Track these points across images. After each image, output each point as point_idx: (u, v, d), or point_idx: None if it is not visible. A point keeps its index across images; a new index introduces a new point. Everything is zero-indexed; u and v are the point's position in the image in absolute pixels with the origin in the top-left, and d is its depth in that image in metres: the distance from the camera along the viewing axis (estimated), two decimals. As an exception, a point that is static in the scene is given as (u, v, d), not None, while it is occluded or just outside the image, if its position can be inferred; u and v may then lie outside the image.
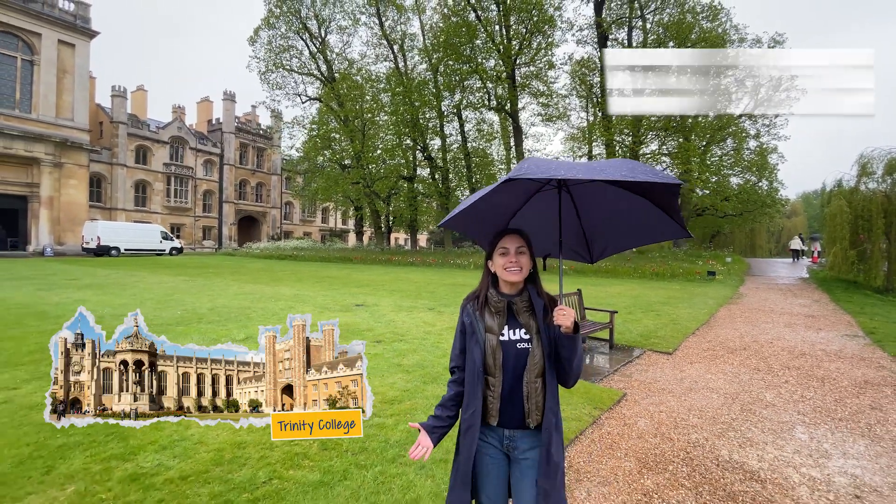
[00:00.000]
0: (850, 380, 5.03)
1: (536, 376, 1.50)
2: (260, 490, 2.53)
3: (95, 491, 2.50)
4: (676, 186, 1.42)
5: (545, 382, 1.51)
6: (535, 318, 1.54)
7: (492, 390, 1.52)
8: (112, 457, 2.88)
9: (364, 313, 8.92)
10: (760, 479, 2.86)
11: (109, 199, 39.09)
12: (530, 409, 1.50)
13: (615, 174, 1.33)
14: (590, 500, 2.61)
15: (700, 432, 3.59)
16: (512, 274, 1.55)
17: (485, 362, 1.53)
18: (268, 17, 32.54)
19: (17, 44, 30.08)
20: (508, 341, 1.53)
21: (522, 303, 1.57)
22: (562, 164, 1.40)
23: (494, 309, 1.57)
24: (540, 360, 1.51)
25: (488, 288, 1.62)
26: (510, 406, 1.52)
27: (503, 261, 1.56)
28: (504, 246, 1.57)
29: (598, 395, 4.29)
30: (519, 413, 1.51)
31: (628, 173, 1.33)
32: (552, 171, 1.32)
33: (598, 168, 1.39)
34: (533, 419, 1.50)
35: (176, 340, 5.91)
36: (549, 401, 1.51)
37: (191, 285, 13.40)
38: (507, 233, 1.60)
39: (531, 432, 1.53)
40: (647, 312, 9.42)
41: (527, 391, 1.50)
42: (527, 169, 1.32)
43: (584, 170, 1.39)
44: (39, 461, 2.81)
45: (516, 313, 1.57)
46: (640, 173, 1.33)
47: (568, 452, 3.22)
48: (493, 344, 1.53)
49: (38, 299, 9.78)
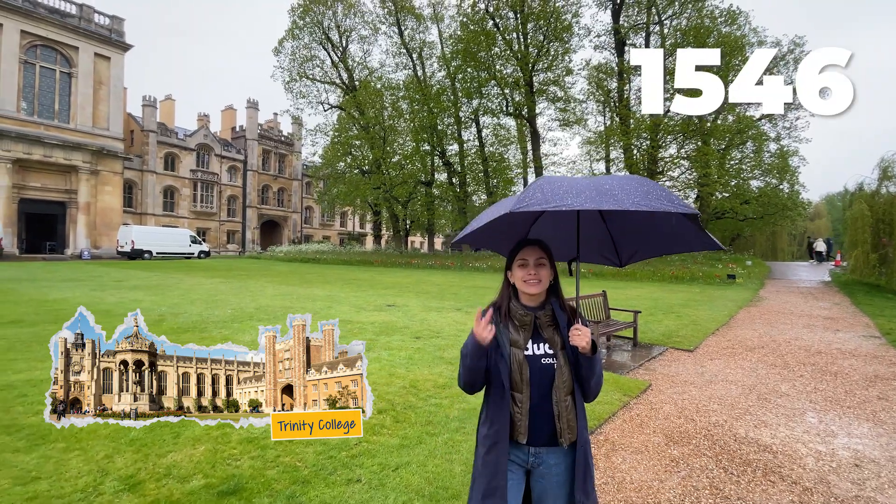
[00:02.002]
0: (861, 375, 5.41)
1: (566, 394, 1.48)
2: (354, 450, 3.10)
3: (222, 449, 3.10)
4: (694, 217, 1.40)
5: (575, 400, 1.50)
6: (559, 334, 1.52)
7: (519, 407, 1.49)
8: (223, 426, 3.48)
9: (398, 313, 9.50)
10: (773, 451, 3.33)
11: (140, 205, 40.71)
12: (562, 429, 1.47)
13: (627, 201, 1.29)
14: (625, 464, 3.12)
15: (719, 416, 4.05)
16: (531, 286, 1.53)
17: (511, 378, 1.49)
18: (291, 28, 33.68)
19: (56, 57, 31.72)
20: (533, 356, 1.51)
21: (546, 317, 1.55)
22: (570, 187, 1.36)
23: (520, 322, 1.54)
24: (568, 378, 1.49)
25: (510, 300, 1.59)
26: (537, 423, 1.49)
27: (522, 273, 1.55)
28: (523, 258, 1.55)
29: (626, 385, 4.77)
30: (547, 431, 1.48)
31: (641, 201, 1.29)
32: (558, 199, 1.29)
33: (608, 192, 1.34)
34: (566, 438, 1.47)
35: (238, 336, 6.63)
36: (580, 419, 1.49)
37: (229, 286, 14.20)
38: (526, 244, 1.58)
39: (559, 448, 1.50)
40: (667, 314, 9.79)
41: (557, 410, 1.47)
42: (531, 199, 1.31)
43: (594, 195, 1.32)
44: (166, 429, 3.42)
45: (540, 327, 1.54)
46: (655, 200, 1.30)
47: (602, 429, 3.72)
48: (520, 359, 1.50)
49: (96, 299, 10.62)
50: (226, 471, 2.80)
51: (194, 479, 2.71)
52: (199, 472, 2.79)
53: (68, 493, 2.56)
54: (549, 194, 1.32)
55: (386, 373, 4.99)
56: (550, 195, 1.31)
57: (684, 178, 26.88)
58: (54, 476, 2.73)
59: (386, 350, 6.06)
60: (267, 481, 2.69)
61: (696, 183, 25.73)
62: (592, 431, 3.63)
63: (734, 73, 24.52)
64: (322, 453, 3.04)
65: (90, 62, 32.36)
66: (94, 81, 32.57)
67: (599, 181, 1.41)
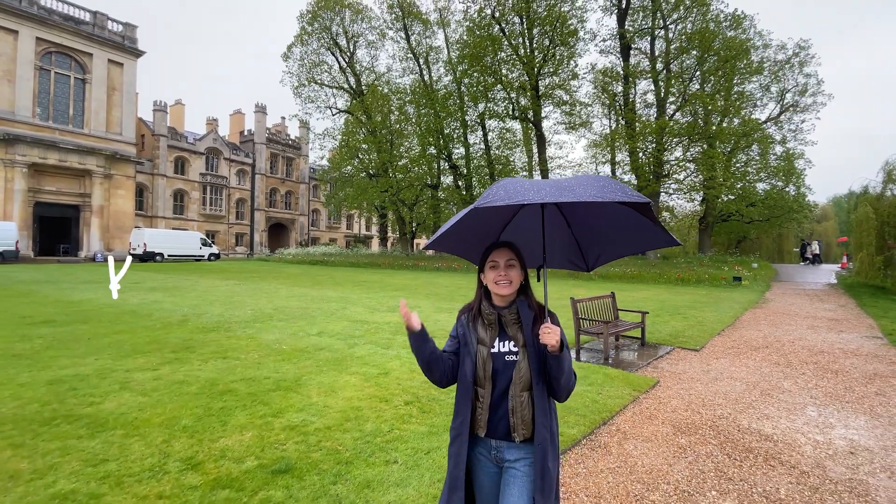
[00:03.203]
0: (861, 372, 5.63)
1: (522, 390, 1.51)
2: (387, 436, 3.39)
3: (267, 436, 3.40)
4: (646, 205, 1.45)
5: (533, 397, 1.52)
6: (522, 331, 1.56)
7: (481, 401, 1.55)
8: (265, 415, 3.78)
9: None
10: (773, 440, 3.58)
11: (151, 208, 41.34)
12: (516, 424, 1.51)
13: (585, 194, 1.33)
14: (636, 450, 3.38)
15: (724, 409, 4.30)
16: (502, 287, 1.57)
17: (475, 373, 1.55)
18: (300, 34, 34.18)
19: (71, 63, 32.39)
20: (498, 353, 1.56)
21: (511, 315, 1.58)
22: (531, 186, 1.41)
23: (487, 321, 1.60)
24: (526, 374, 1.52)
25: (481, 300, 1.64)
26: (497, 418, 1.54)
27: (493, 274, 1.58)
28: (494, 259, 1.59)
29: (635, 381, 5.03)
30: (504, 425, 1.53)
31: (598, 193, 1.34)
32: (520, 195, 1.33)
33: (567, 187, 1.38)
34: (519, 434, 1.51)
35: (262, 335, 6.96)
36: (539, 416, 1.50)
37: (244, 288, 14.55)
38: (497, 246, 1.63)
39: (518, 444, 1.54)
40: (673, 315, 10.02)
41: (512, 405, 1.51)
42: (493, 196, 1.34)
43: (554, 191, 1.36)
44: (213, 418, 3.73)
45: (505, 325, 1.59)
46: (610, 192, 1.35)
47: (614, 420, 3.98)
48: (484, 355, 1.55)
49: (119, 301, 10.98)
50: (275, 453, 3.10)
51: (248, 460, 3.01)
52: (251, 454, 3.08)
53: (136, 472, 2.86)
54: (511, 192, 1.35)
55: (407, 369, 5.27)
56: (513, 192, 1.35)
57: (690, 180, 27.02)
58: (120, 458, 3.03)
59: (404, 349, 6.34)
60: (313, 462, 2.98)
61: (701, 185, 25.88)
62: (605, 422, 3.89)
63: (739, 77, 24.76)
64: (359, 439, 3.33)
65: (104, 68, 33.01)
66: (107, 87, 33.21)
67: (560, 181, 1.46)
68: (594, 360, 6.19)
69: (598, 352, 6.65)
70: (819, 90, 27.76)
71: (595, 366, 5.75)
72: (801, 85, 27.98)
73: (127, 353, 5.87)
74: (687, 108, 25.95)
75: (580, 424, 3.74)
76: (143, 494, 2.60)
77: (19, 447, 3.17)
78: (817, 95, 27.80)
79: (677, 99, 26.22)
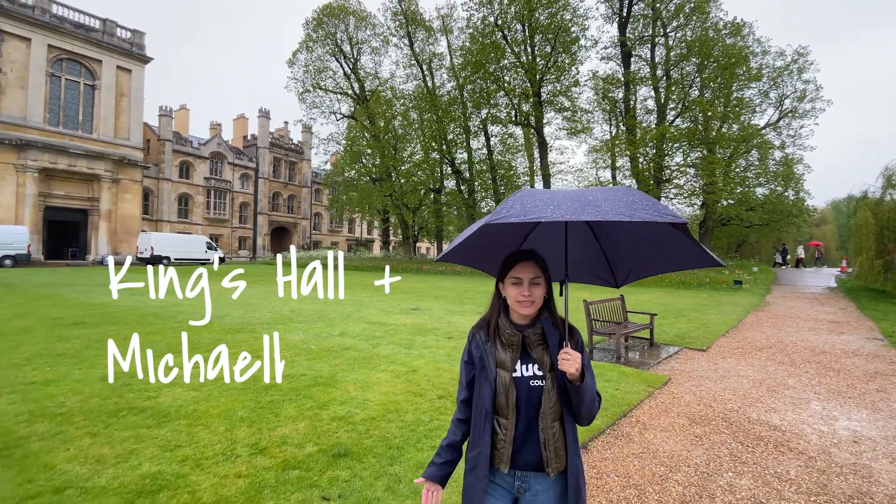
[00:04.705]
0: (862, 371, 5.95)
1: (553, 420, 1.37)
2: (428, 426, 3.70)
3: (318, 425, 3.71)
4: (683, 225, 1.30)
5: (564, 427, 1.39)
6: (548, 353, 1.41)
7: (503, 433, 1.38)
8: (312, 407, 4.10)
9: (423, 316, 10.11)
10: (781, 430, 3.90)
11: (156, 212, 41.67)
12: (549, 458, 1.36)
13: (610, 212, 1.18)
14: (657, 439, 3.70)
15: (734, 403, 4.62)
16: (524, 307, 1.42)
17: (495, 402, 1.39)
18: (305, 40, 34.64)
19: (81, 70, 32.79)
20: (521, 378, 1.40)
21: (535, 335, 1.43)
22: (550, 199, 1.26)
23: (507, 342, 1.43)
24: (556, 403, 1.38)
25: (499, 315, 1.48)
26: (524, 449, 1.39)
27: (515, 292, 1.43)
28: (517, 276, 1.43)
29: (649, 378, 5.35)
30: (534, 457, 1.38)
31: (626, 211, 1.18)
32: (537, 211, 1.19)
33: (592, 202, 1.24)
34: (553, 468, 1.37)
35: (287, 336, 7.27)
36: (570, 445, 1.38)
37: (255, 291, 14.84)
38: (521, 259, 1.46)
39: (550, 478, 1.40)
40: (678, 317, 10.34)
41: (544, 437, 1.36)
42: (508, 210, 1.21)
43: (576, 206, 1.21)
44: (265, 410, 4.04)
45: (529, 346, 1.43)
46: (640, 210, 1.19)
47: (633, 413, 4.30)
48: (506, 381, 1.39)
49: (139, 303, 11.27)
50: (330, 440, 3.41)
51: (308, 445, 3.32)
52: (309, 441, 3.40)
53: (210, 455, 3.17)
54: (528, 206, 1.22)
55: (432, 367, 5.59)
56: (530, 207, 1.22)
57: (690, 185, 27.43)
58: (191, 444, 3.35)
59: (425, 348, 6.66)
60: (367, 447, 3.29)
61: (701, 190, 26.28)
62: (625, 415, 4.21)
63: (738, 84, 25.17)
64: (403, 428, 3.65)
65: (113, 75, 33.42)
66: (115, 93, 33.61)
67: (583, 193, 1.32)
68: (607, 358, 6.51)
69: (610, 351, 6.97)
70: (817, 96, 28.22)
71: (609, 364, 6.07)
72: (799, 91, 28.45)
73: (164, 352, 6.17)
74: (687, 114, 26.40)
75: (602, 416, 4.06)
76: (222, 474, 2.92)
77: (96, 436, 3.48)
78: (816, 101, 28.26)
79: (677, 105, 26.67)
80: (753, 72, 26.47)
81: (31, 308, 10.05)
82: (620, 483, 2.99)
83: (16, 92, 29.27)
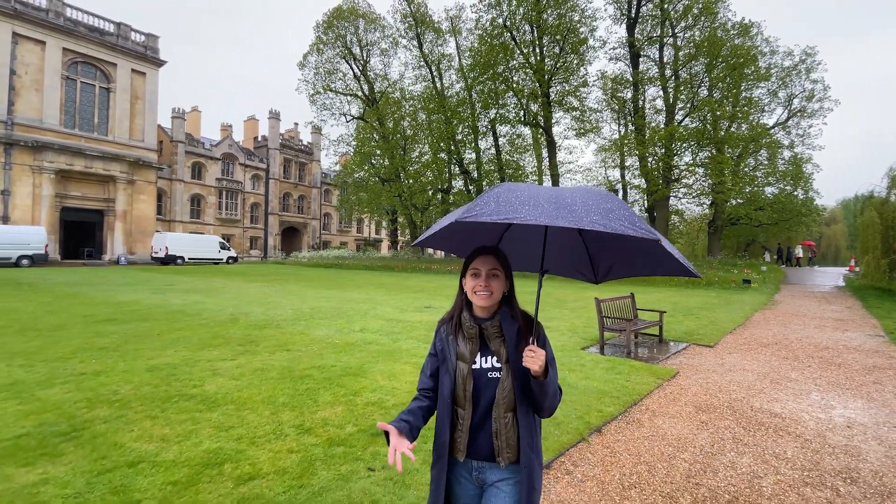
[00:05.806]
0: (862, 365, 6.21)
1: (506, 411, 1.40)
2: (455, 411, 4.04)
3: (354, 409, 4.07)
4: (656, 243, 1.31)
5: (517, 418, 1.41)
6: (505, 346, 1.44)
7: (461, 423, 1.42)
8: (346, 394, 4.46)
9: (437, 314, 10.44)
10: (782, 417, 4.20)
11: (169, 212, 42.45)
12: (500, 447, 1.39)
13: (585, 219, 1.18)
14: (665, 424, 4.01)
15: (738, 394, 4.92)
16: (481, 298, 1.45)
17: (454, 393, 1.44)
18: (316, 43, 35.13)
19: (96, 73, 33.54)
20: (480, 370, 1.43)
21: (493, 328, 1.45)
22: (528, 198, 1.25)
23: (467, 334, 1.47)
24: (510, 394, 1.40)
25: (462, 310, 1.51)
26: (479, 439, 1.42)
27: (473, 283, 1.46)
28: (476, 267, 1.47)
29: (658, 371, 5.66)
30: (487, 448, 1.41)
31: (601, 220, 1.18)
32: (511, 211, 1.18)
33: (568, 205, 1.23)
34: (504, 458, 1.40)
35: (311, 331, 7.67)
36: (524, 437, 1.40)
37: (273, 290, 15.29)
38: (481, 253, 1.49)
39: (502, 467, 1.44)
40: (687, 315, 10.60)
41: (496, 427, 1.40)
42: (481, 208, 1.21)
43: (551, 209, 1.20)
44: (304, 396, 4.41)
45: (487, 339, 1.46)
46: (615, 221, 1.19)
47: (643, 402, 4.61)
48: (465, 373, 1.43)
49: (163, 301, 11.74)
50: (367, 421, 3.77)
51: (348, 426, 3.68)
52: (349, 422, 3.76)
53: (262, 434, 3.54)
54: (502, 205, 1.21)
55: (452, 361, 5.93)
56: (505, 206, 1.21)
57: (699, 185, 27.53)
58: (243, 426, 3.71)
59: (443, 344, 7.00)
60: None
61: (710, 190, 26.39)
62: (635, 403, 4.52)
63: (747, 83, 25.25)
64: (432, 413, 3.99)
65: (127, 77, 34.14)
66: (130, 96, 34.34)
67: (562, 193, 1.31)
68: (617, 353, 6.81)
69: (620, 346, 7.27)
70: (826, 95, 28.20)
71: (620, 359, 6.38)
72: (807, 90, 28.46)
73: (199, 346, 6.58)
74: (696, 113, 26.50)
75: (615, 404, 4.38)
76: (276, 450, 3.28)
77: (155, 419, 3.86)
78: (824, 101, 28.25)
79: (686, 105, 26.79)
80: (762, 71, 26.55)
81: (59, 306, 10.51)
82: (632, 460, 3.31)
83: (31, 94, 30.01)
